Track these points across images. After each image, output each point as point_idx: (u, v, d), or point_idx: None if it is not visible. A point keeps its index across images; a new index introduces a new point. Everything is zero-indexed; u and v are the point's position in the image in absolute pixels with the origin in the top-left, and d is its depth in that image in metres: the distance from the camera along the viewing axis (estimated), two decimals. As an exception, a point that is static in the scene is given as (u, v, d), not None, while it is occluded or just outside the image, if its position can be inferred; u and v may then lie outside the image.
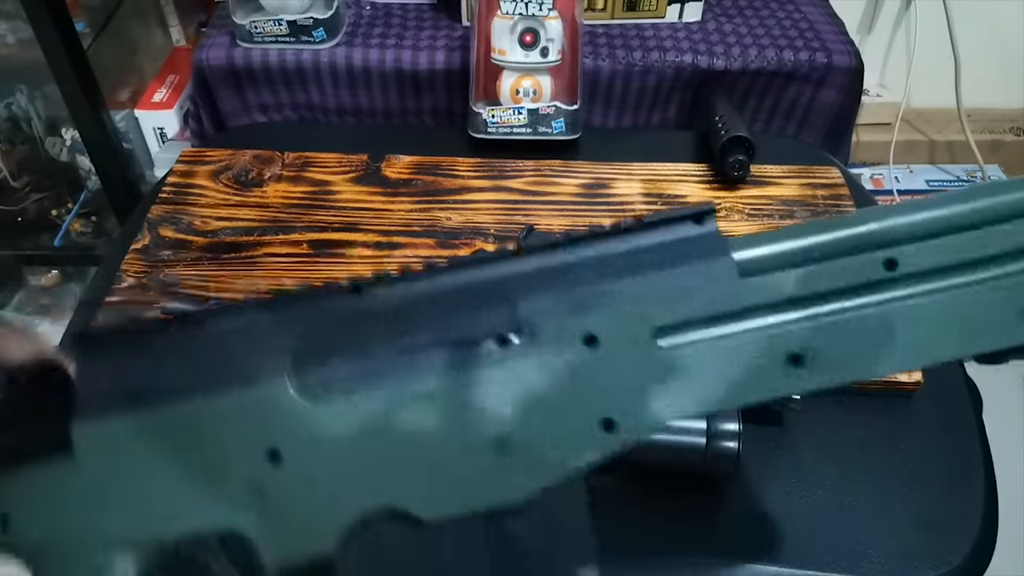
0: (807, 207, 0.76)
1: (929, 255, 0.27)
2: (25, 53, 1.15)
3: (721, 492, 0.54)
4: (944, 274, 0.27)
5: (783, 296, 0.27)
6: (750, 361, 0.27)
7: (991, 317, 0.27)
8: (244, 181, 0.79)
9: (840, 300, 0.27)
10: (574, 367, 0.27)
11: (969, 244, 0.27)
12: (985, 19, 1.35)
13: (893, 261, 0.27)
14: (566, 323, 0.27)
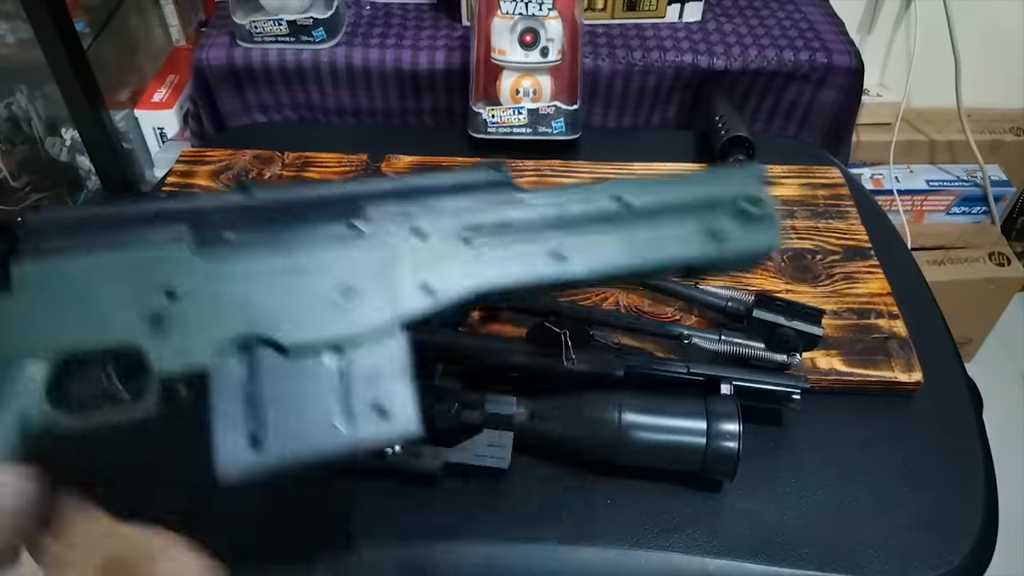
0: (807, 207, 0.76)
1: (647, 197, 0.42)
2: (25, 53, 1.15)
3: (721, 492, 0.54)
4: (657, 211, 0.42)
5: (551, 215, 0.41)
6: (530, 255, 0.40)
7: (693, 238, 0.42)
8: (244, 181, 0.79)
9: (589, 221, 0.41)
10: (405, 250, 0.39)
11: (672, 192, 0.42)
12: (985, 19, 1.35)
13: (622, 198, 0.41)
14: (401, 220, 0.39)
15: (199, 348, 0.37)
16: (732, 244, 0.42)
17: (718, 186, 0.43)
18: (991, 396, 0.69)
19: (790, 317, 0.57)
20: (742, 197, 0.43)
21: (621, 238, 0.41)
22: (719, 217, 0.42)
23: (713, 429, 0.51)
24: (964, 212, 1.45)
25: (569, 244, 0.40)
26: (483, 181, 0.42)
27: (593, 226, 0.41)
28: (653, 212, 0.42)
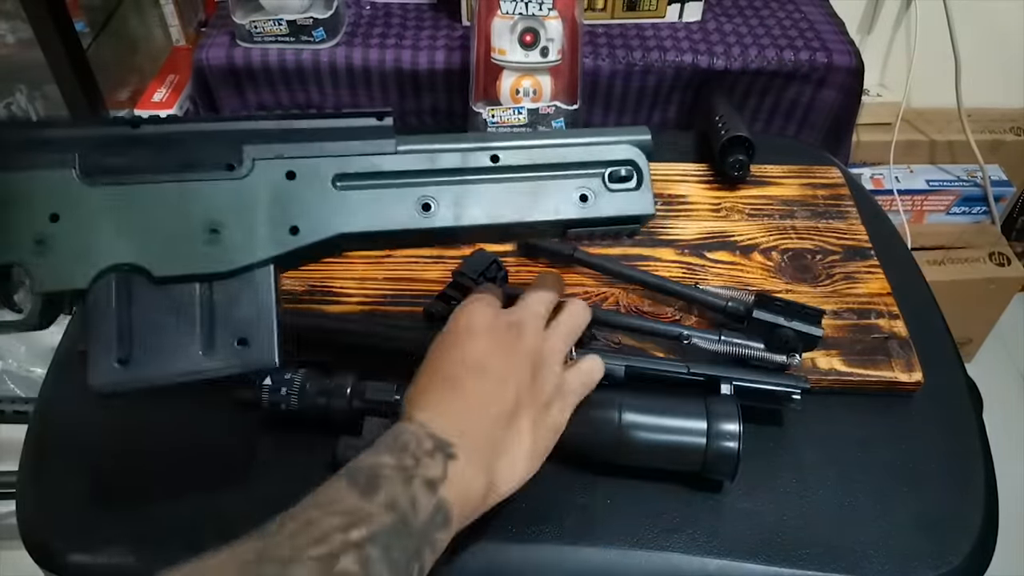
0: (807, 207, 0.76)
1: (520, 155, 0.44)
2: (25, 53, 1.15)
3: (721, 492, 0.54)
4: (529, 169, 0.44)
5: (422, 167, 0.43)
6: (398, 203, 0.42)
7: (561, 199, 0.44)
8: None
9: (460, 175, 0.43)
10: (276, 191, 0.41)
11: (546, 154, 0.44)
12: (985, 19, 1.35)
13: (496, 157, 0.44)
14: (275, 163, 0.42)
15: (76, 270, 0.39)
16: (603, 207, 0.44)
17: (593, 150, 0.45)
18: (991, 396, 0.69)
19: (789, 317, 0.58)
20: (615, 161, 0.45)
21: (490, 194, 0.43)
22: (590, 179, 0.44)
23: (713, 429, 0.51)
24: (964, 212, 1.45)
25: (439, 196, 0.43)
26: (362, 127, 0.43)
27: (465, 180, 0.43)
28: (524, 169, 0.44)
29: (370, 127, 0.43)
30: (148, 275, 0.40)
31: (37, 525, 0.52)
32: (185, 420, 0.57)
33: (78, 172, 0.40)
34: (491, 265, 0.65)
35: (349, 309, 0.65)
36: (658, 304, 0.66)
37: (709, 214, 0.75)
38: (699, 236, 0.73)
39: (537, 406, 0.47)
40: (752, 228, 0.74)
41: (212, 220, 0.40)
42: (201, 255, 0.40)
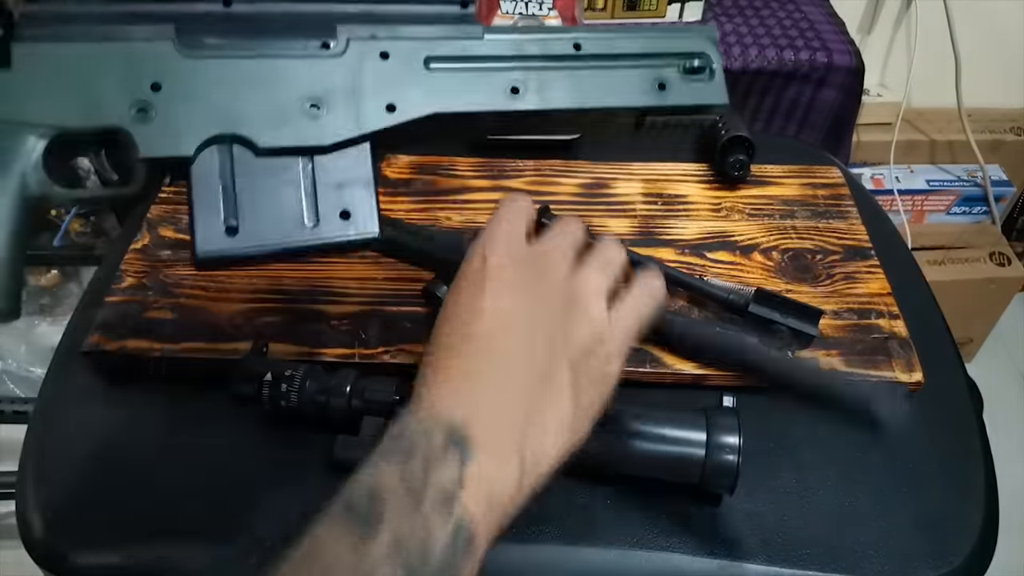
0: (807, 207, 0.76)
1: (601, 44, 0.46)
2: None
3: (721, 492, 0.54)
4: (610, 58, 0.46)
5: (509, 53, 0.45)
6: (487, 86, 0.44)
7: (639, 86, 0.47)
8: None
9: (545, 61, 0.45)
10: (372, 69, 0.43)
11: (625, 43, 0.47)
12: (985, 19, 1.35)
13: (578, 45, 0.46)
14: (369, 43, 0.43)
15: (180, 138, 0.40)
16: (676, 95, 0.47)
17: (670, 42, 0.47)
18: (991, 396, 0.69)
19: (786, 315, 0.58)
20: (690, 53, 0.47)
21: (573, 80, 0.45)
22: (666, 69, 0.47)
23: (713, 441, 0.51)
24: (964, 212, 1.45)
25: (524, 80, 0.44)
26: (449, 14, 0.45)
27: (548, 65, 0.45)
28: (605, 58, 0.46)
29: (456, 14, 0.44)
30: (252, 146, 0.41)
31: (37, 525, 0.52)
32: (185, 418, 0.57)
33: (177, 44, 0.41)
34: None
35: (349, 309, 0.65)
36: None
37: (709, 214, 0.75)
38: (699, 236, 0.73)
39: (574, 354, 0.39)
40: (752, 228, 0.74)
41: (312, 95, 0.41)
42: (303, 128, 0.41)
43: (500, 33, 0.45)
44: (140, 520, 0.52)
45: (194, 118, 0.40)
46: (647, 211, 0.76)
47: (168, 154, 0.41)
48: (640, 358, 0.61)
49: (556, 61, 0.45)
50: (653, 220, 0.75)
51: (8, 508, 1.22)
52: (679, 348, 0.58)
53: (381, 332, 0.63)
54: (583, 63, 0.45)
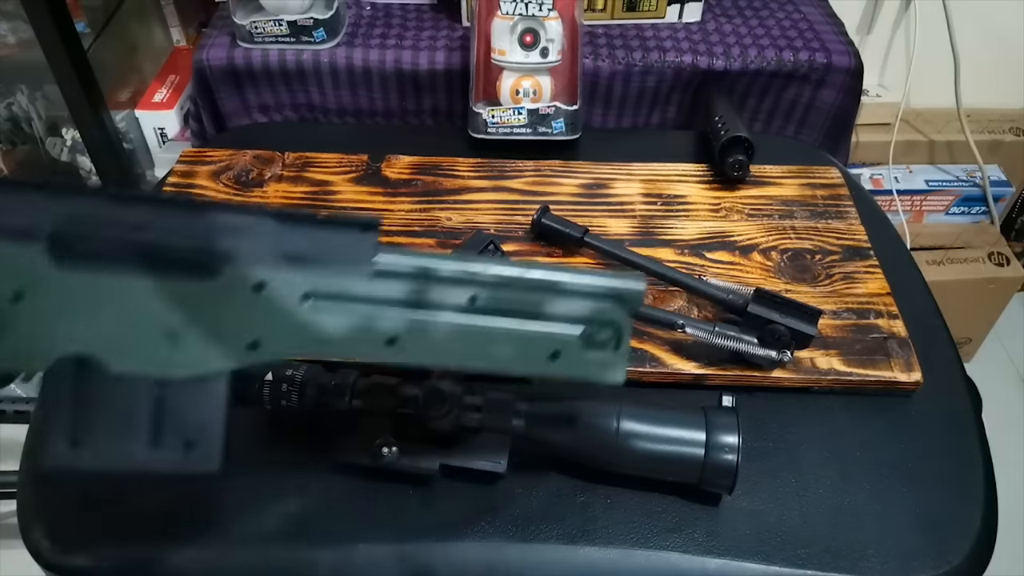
0: (807, 207, 0.76)
1: (500, 299, 0.40)
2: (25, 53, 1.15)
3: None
4: (507, 315, 0.40)
5: (395, 296, 0.39)
6: (364, 331, 0.39)
7: (529, 352, 0.41)
8: (244, 181, 0.79)
9: (432, 311, 0.40)
10: (243, 301, 0.39)
11: (528, 299, 0.40)
12: (985, 19, 1.35)
13: (475, 298, 0.39)
14: (246, 269, 0.39)
15: (36, 353, 0.39)
16: (567, 366, 0.41)
17: (579, 304, 0.40)
18: (991, 396, 0.69)
19: (785, 314, 0.58)
20: (600, 321, 0.41)
21: (458, 336, 0.40)
22: (567, 336, 0.41)
23: (712, 441, 0.51)
24: (963, 212, 1.45)
25: (405, 331, 0.40)
26: (343, 240, 0.39)
27: (434, 318, 0.40)
28: (501, 314, 0.40)
29: (351, 241, 0.39)
30: (103, 367, 0.39)
31: (37, 525, 0.52)
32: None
33: (47, 250, 0.38)
34: (488, 246, 0.65)
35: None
36: (662, 301, 0.66)
37: (709, 214, 0.75)
38: (699, 236, 0.73)
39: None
40: (751, 228, 0.74)
41: (174, 324, 0.39)
42: (159, 357, 0.39)
43: (395, 262, 0.39)
44: (140, 520, 0.52)
45: (52, 333, 0.39)
46: (647, 211, 0.76)
47: (19, 367, 0.40)
48: (640, 358, 0.61)
49: (445, 312, 0.39)
50: (653, 220, 0.75)
51: (8, 508, 1.22)
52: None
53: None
54: (475, 318, 0.40)
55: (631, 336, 0.43)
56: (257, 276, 0.39)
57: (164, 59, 1.19)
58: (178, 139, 1.12)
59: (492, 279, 0.40)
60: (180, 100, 1.12)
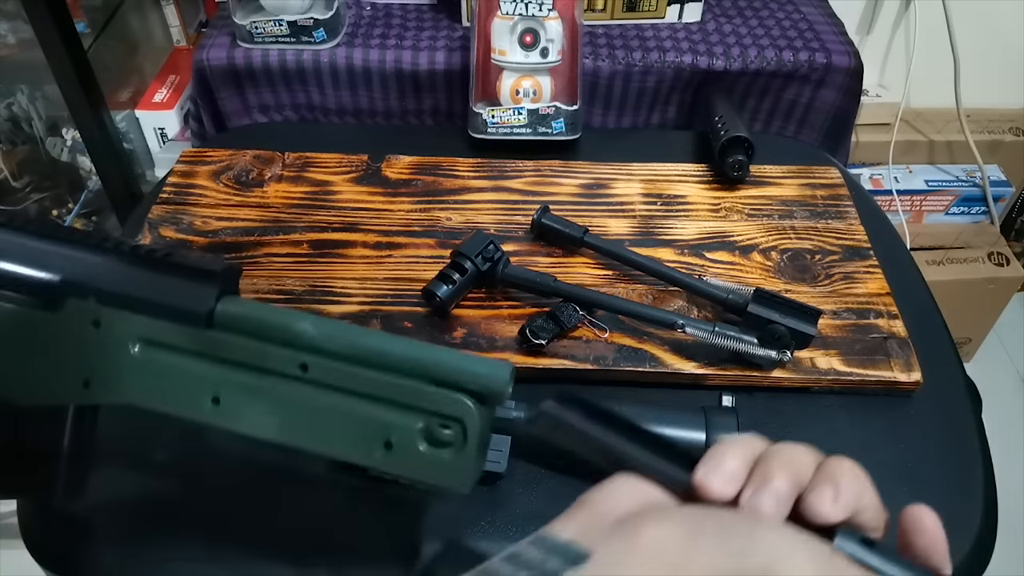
0: (806, 207, 0.76)
1: (334, 373, 0.35)
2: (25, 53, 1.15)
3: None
4: (339, 391, 0.35)
5: (225, 355, 0.36)
6: (190, 386, 0.37)
7: (361, 438, 0.35)
8: (244, 181, 0.79)
9: (258, 375, 0.36)
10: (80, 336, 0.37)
11: (364, 377, 0.35)
12: (985, 19, 1.35)
13: (305, 366, 0.35)
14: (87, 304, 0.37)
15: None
16: (402, 462, 0.35)
17: (423, 391, 0.35)
18: (991, 396, 0.69)
19: (785, 314, 0.58)
20: (442, 415, 0.35)
21: (289, 407, 0.36)
22: (404, 424, 0.35)
23: (712, 441, 0.51)
24: (963, 212, 1.45)
25: (232, 391, 0.36)
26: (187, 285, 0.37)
27: (259, 383, 0.36)
28: (334, 390, 0.35)
29: (193, 289, 0.36)
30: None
31: (37, 525, 0.52)
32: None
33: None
34: (488, 245, 0.65)
35: (349, 309, 0.65)
36: (662, 301, 0.66)
37: (708, 214, 0.75)
38: (699, 236, 0.73)
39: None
40: (751, 228, 0.74)
41: (20, 349, 0.38)
42: (9, 379, 0.38)
43: (235, 313, 0.36)
44: (140, 520, 0.52)
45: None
46: (647, 211, 0.76)
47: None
48: (640, 358, 0.61)
49: (274, 377, 0.36)
50: (652, 220, 0.75)
51: (8, 508, 1.22)
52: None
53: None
54: (305, 388, 0.35)
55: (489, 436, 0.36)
56: (95, 313, 0.37)
57: (164, 59, 1.19)
58: (178, 139, 1.12)
59: (324, 343, 0.35)
60: (180, 100, 1.12)
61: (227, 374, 0.36)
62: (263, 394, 0.36)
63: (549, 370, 0.61)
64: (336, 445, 0.36)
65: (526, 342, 0.61)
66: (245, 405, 0.36)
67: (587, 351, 0.62)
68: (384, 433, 0.35)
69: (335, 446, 0.36)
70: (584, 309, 0.62)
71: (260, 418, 0.36)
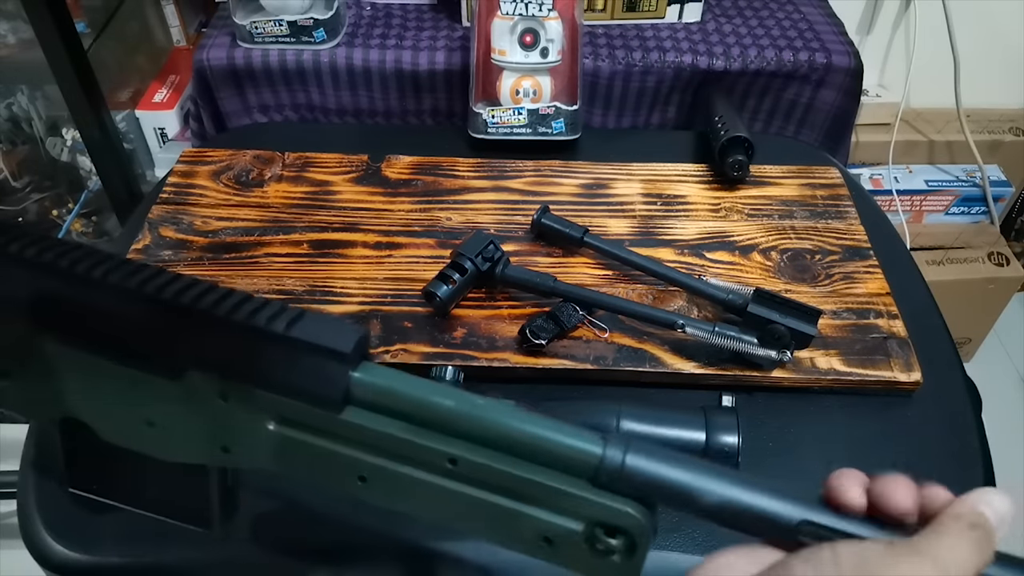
0: (806, 207, 0.76)
1: (483, 470, 0.32)
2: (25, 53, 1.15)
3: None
4: (487, 487, 0.32)
5: (366, 441, 0.33)
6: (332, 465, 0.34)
7: (523, 532, 0.32)
8: (245, 181, 0.79)
9: (407, 465, 0.33)
10: (209, 405, 0.35)
11: (515, 478, 0.32)
12: (985, 19, 1.35)
13: (455, 460, 0.32)
14: (207, 378, 0.35)
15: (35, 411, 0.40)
16: (568, 561, 0.32)
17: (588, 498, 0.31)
18: (990, 396, 0.69)
19: (785, 314, 0.58)
20: (606, 525, 0.31)
21: (438, 496, 0.33)
22: (565, 526, 0.32)
23: (712, 440, 0.51)
24: (963, 212, 1.45)
25: (377, 474, 0.34)
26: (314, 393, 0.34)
27: (411, 471, 0.33)
28: (487, 487, 0.33)
29: (325, 369, 0.33)
30: (96, 434, 0.39)
31: (37, 525, 0.52)
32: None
33: (30, 318, 0.36)
34: (488, 245, 0.65)
35: (350, 309, 0.65)
36: (662, 301, 0.66)
37: (708, 214, 0.75)
38: (699, 236, 0.73)
39: None
40: (751, 228, 0.74)
41: (148, 412, 0.37)
42: (140, 437, 0.38)
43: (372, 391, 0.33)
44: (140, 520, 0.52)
45: (49, 393, 0.38)
46: (647, 211, 0.76)
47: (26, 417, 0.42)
48: (640, 358, 0.61)
49: (419, 469, 0.33)
50: (652, 220, 0.75)
51: (8, 508, 1.22)
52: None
53: (381, 332, 0.63)
54: (455, 482, 0.33)
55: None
56: (221, 387, 0.35)
57: (164, 59, 1.19)
58: (178, 139, 1.12)
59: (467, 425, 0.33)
60: (180, 100, 1.12)
61: (371, 459, 0.34)
62: (411, 481, 0.34)
63: (549, 370, 0.61)
64: (494, 537, 0.34)
65: (526, 342, 0.61)
66: (393, 488, 0.34)
67: (587, 351, 0.62)
68: (541, 529, 0.32)
69: (493, 537, 0.34)
70: (584, 309, 0.63)
71: (410, 501, 0.34)
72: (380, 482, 0.34)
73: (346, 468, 0.34)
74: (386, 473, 0.34)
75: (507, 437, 0.32)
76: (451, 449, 0.32)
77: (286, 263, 0.70)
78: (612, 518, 0.31)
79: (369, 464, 0.34)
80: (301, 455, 0.35)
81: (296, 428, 0.34)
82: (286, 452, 0.35)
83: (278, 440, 0.35)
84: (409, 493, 0.34)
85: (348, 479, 0.34)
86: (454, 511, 0.33)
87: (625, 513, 0.30)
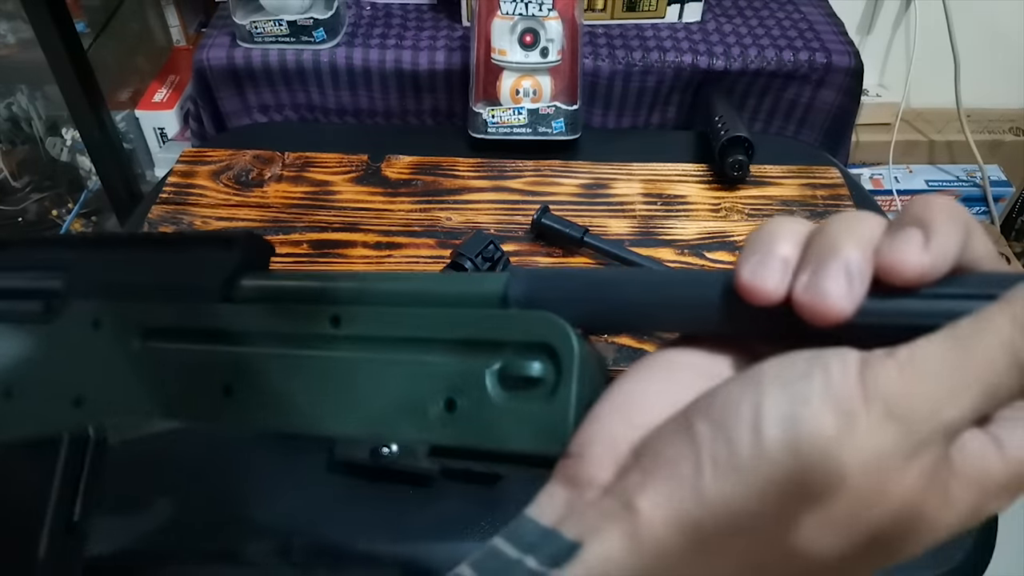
0: (806, 207, 0.76)
1: (373, 319, 0.27)
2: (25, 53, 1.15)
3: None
4: (381, 343, 0.26)
5: (241, 328, 0.29)
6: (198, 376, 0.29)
7: (411, 401, 0.25)
8: (244, 181, 0.79)
9: (278, 345, 0.28)
10: (77, 343, 0.32)
11: (411, 317, 0.26)
12: (985, 19, 1.35)
13: (338, 317, 0.27)
14: (88, 303, 0.32)
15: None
16: (478, 428, 0.25)
17: (496, 317, 0.25)
18: (990, 396, 0.69)
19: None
20: (525, 345, 0.24)
21: (310, 382, 0.27)
22: (471, 376, 0.25)
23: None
24: (964, 212, 1.45)
25: (240, 377, 0.29)
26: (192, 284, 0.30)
27: (284, 351, 0.28)
28: (374, 342, 0.26)
29: (209, 259, 0.30)
30: None
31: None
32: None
33: None
34: (488, 245, 0.65)
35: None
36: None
37: (709, 214, 0.75)
38: (699, 236, 0.73)
39: None
40: (751, 228, 0.74)
41: (10, 375, 0.33)
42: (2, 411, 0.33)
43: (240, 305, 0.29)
44: (140, 520, 0.52)
45: None
46: (647, 211, 0.76)
47: None
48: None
49: (296, 348, 0.27)
50: (652, 220, 0.75)
51: (8, 508, 1.22)
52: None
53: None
54: (338, 350, 0.27)
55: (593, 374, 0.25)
56: (96, 311, 0.31)
57: (164, 59, 1.19)
58: (178, 139, 1.12)
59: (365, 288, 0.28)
60: (180, 100, 1.12)
61: (243, 354, 0.28)
62: (285, 370, 0.28)
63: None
64: (377, 419, 0.26)
65: (526, 342, 0.61)
66: (262, 391, 0.28)
67: (587, 351, 0.62)
68: (443, 387, 0.25)
69: (376, 422, 0.26)
70: None
71: (279, 405, 0.28)
72: (249, 385, 0.28)
73: (211, 378, 0.29)
74: (258, 367, 0.28)
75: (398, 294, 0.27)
76: (334, 308, 0.27)
77: (286, 263, 0.70)
78: (532, 332, 0.24)
79: (241, 361, 0.28)
80: (163, 373, 0.30)
81: (163, 338, 0.30)
82: (146, 374, 0.30)
83: (140, 362, 0.30)
84: (280, 389, 0.28)
85: (212, 394, 0.29)
86: (333, 397, 0.27)
87: (546, 320, 0.24)
